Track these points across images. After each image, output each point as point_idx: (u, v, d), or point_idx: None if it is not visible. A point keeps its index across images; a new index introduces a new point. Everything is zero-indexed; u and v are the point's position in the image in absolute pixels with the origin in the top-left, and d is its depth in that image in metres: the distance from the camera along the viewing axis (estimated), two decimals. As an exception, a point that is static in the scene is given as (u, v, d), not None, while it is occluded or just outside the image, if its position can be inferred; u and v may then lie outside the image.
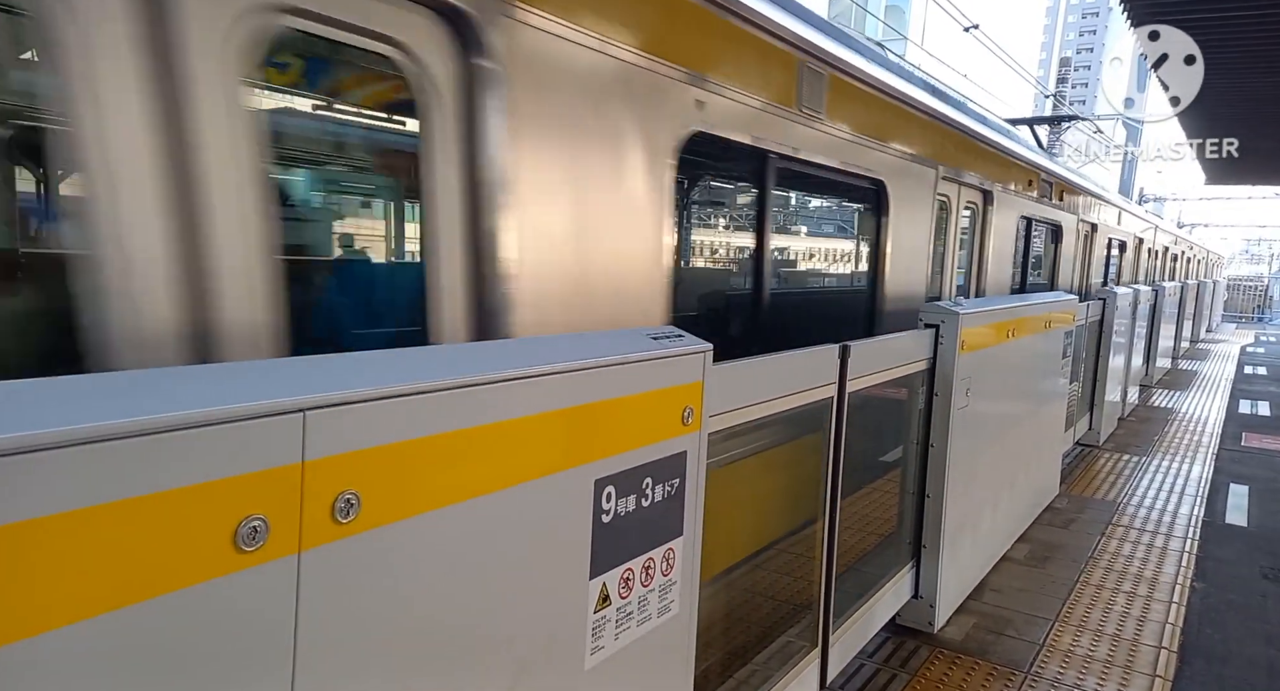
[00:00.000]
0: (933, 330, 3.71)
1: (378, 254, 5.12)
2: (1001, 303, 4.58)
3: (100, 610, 0.91)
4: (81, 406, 0.92)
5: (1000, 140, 6.12)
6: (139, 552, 0.94)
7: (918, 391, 3.83)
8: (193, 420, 0.97)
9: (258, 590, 1.06)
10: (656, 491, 1.87)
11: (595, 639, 1.75)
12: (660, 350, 1.84)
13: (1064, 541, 5.30)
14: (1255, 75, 8.11)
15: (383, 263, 4.96)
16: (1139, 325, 9.68)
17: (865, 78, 3.84)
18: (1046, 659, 3.73)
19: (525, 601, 1.56)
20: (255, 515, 1.04)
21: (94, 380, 1.00)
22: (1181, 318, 15.03)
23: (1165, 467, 7.34)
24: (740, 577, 2.99)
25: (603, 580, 1.75)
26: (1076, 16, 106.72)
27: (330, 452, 1.13)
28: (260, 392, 1.06)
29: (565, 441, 1.60)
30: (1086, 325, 7.30)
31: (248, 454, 1.03)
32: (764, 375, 2.51)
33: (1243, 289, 37.89)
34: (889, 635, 3.86)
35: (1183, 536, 5.49)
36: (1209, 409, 10.55)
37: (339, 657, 1.20)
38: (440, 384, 1.30)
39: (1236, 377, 13.99)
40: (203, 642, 1.02)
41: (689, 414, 1.95)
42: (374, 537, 1.22)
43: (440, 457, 1.32)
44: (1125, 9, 7.10)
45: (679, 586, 1.99)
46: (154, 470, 0.94)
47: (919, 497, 3.89)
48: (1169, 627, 4.08)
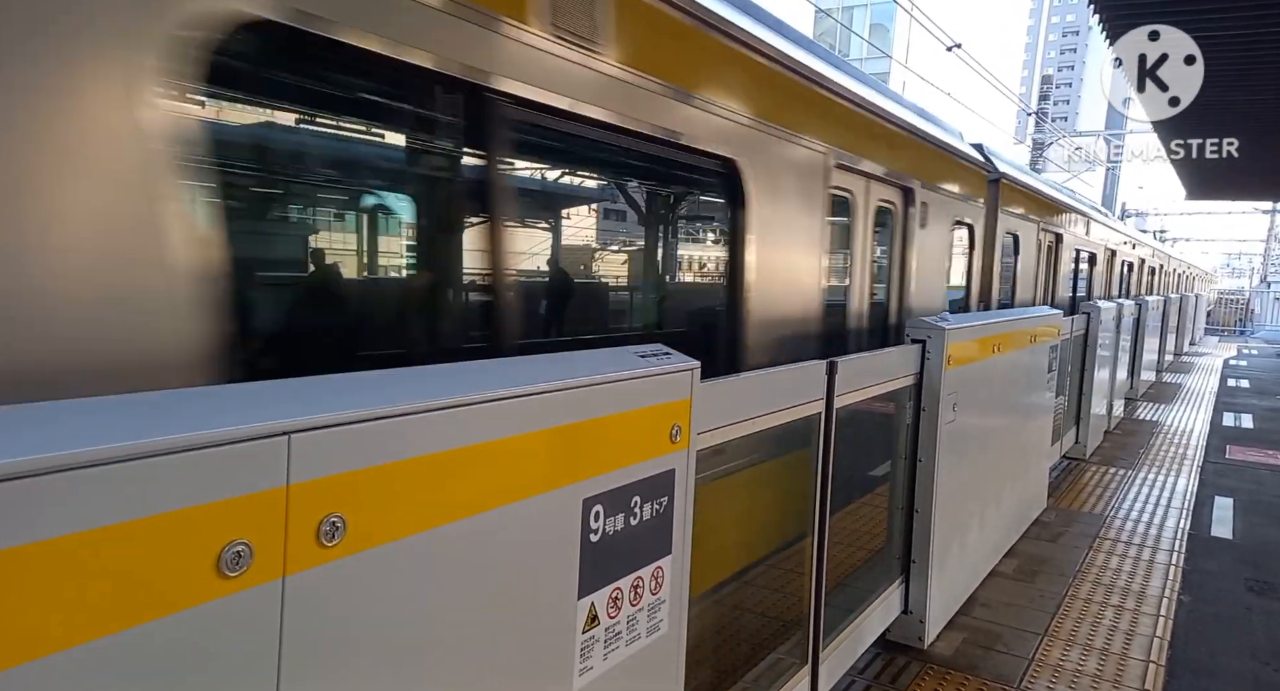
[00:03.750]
0: (919, 345, 3.73)
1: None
2: (987, 318, 4.62)
3: (79, 640, 0.90)
4: (62, 431, 0.91)
5: (931, 129, 4.88)
6: (119, 580, 0.93)
7: (905, 407, 3.85)
8: (176, 445, 0.96)
9: (241, 616, 1.05)
10: (645, 510, 1.87)
11: (584, 659, 1.73)
12: (647, 368, 1.85)
13: (1052, 555, 5.31)
14: (1241, 91, 8.28)
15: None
16: (1123, 339, 9.76)
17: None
18: (1036, 674, 3.73)
19: (513, 623, 1.55)
20: (239, 540, 1.03)
21: (76, 405, 0.99)
22: (1165, 331, 15.19)
23: (1151, 481, 7.39)
24: (729, 595, 2.98)
25: (591, 600, 1.74)
26: (1057, 35, 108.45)
27: (315, 475, 1.12)
28: (245, 416, 1.05)
29: (553, 461, 1.60)
30: (1071, 339, 7.36)
31: (232, 478, 1.02)
32: (752, 391, 2.51)
33: (1225, 302, 38.36)
34: (879, 651, 3.84)
35: (1169, 549, 5.52)
36: (1193, 422, 10.64)
37: (324, 683, 1.19)
38: (426, 405, 1.30)
39: (1220, 390, 14.13)
40: (185, 671, 1.00)
41: (677, 432, 1.95)
42: (360, 561, 1.21)
43: (427, 479, 1.32)
44: (1103, 28, 7.24)
45: (668, 605, 1.99)
46: (135, 496, 0.93)
47: (907, 512, 3.90)
48: (1156, 641, 4.09)
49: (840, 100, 3.81)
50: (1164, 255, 23.64)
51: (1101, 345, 8.23)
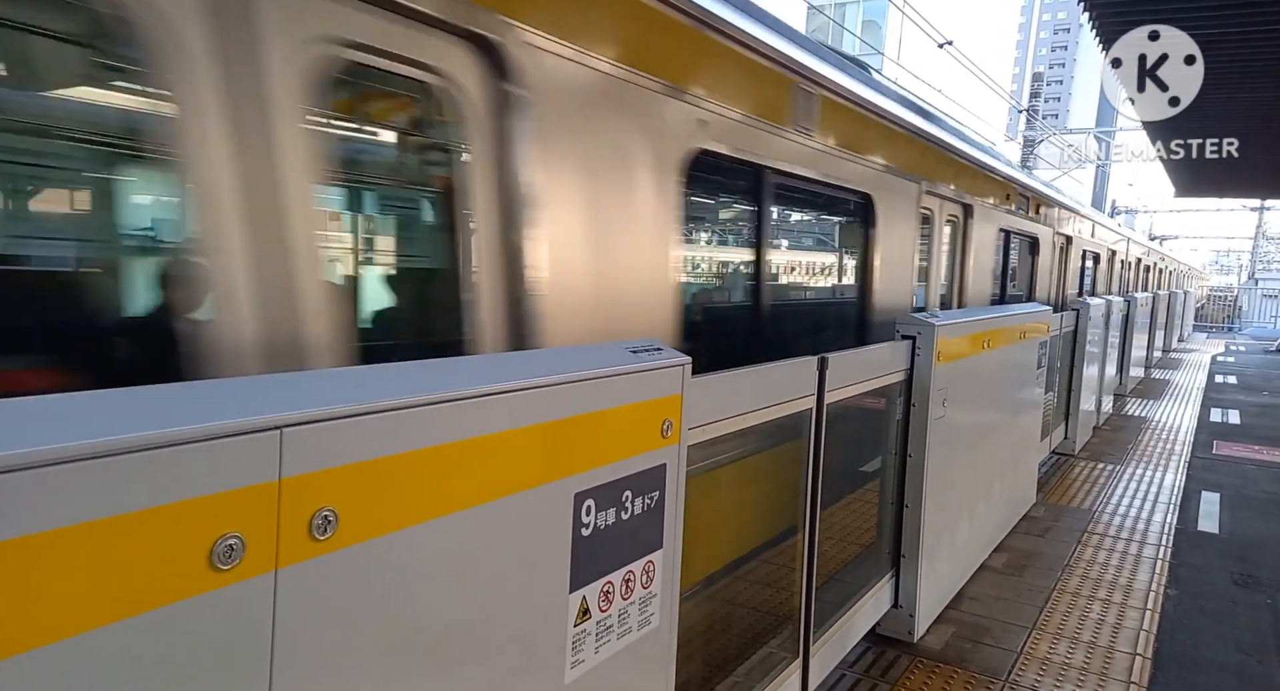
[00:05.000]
0: (910, 341, 3.75)
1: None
2: (977, 314, 4.65)
3: (72, 632, 0.90)
4: (53, 426, 0.91)
5: (979, 156, 6.32)
6: (112, 573, 0.93)
7: (895, 402, 3.87)
8: (168, 438, 0.97)
9: (234, 609, 1.06)
10: (636, 504, 1.88)
11: (575, 652, 1.75)
12: (639, 364, 1.86)
13: (1041, 549, 5.36)
14: (1238, 90, 8.34)
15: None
16: (1112, 335, 9.84)
17: (852, 96, 3.94)
18: (1024, 666, 3.77)
19: (504, 616, 1.56)
20: (232, 533, 1.03)
21: (66, 399, 0.99)
22: (1154, 328, 15.30)
23: (1139, 476, 7.45)
24: (720, 589, 2.99)
25: (583, 593, 1.75)
26: (1048, 33, 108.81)
27: (307, 469, 1.13)
28: (237, 410, 1.06)
29: (545, 455, 1.61)
30: (1061, 335, 7.41)
31: (224, 472, 1.02)
32: (743, 387, 2.52)
33: (1213, 299, 38.63)
34: (869, 645, 3.87)
35: (1156, 543, 5.57)
36: (1181, 417, 10.73)
37: (316, 676, 1.19)
38: (419, 399, 1.30)
39: (1207, 386, 14.25)
40: (177, 663, 1.01)
41: (668, 427, 1.96)
42: (352, 554, 1.22)
43: (419, 473, 1.32)
44: (1094, 29, 7.27)
45: (659, 599, 2.00)
46: (128, 489, 0.93)
47: (898, 507, 3.93)
48: (1143, 634, 4.14)
49: (929, 144, 5.12)
50: (1158, 254, 24.00)
51: (1091, 341, 8.28)
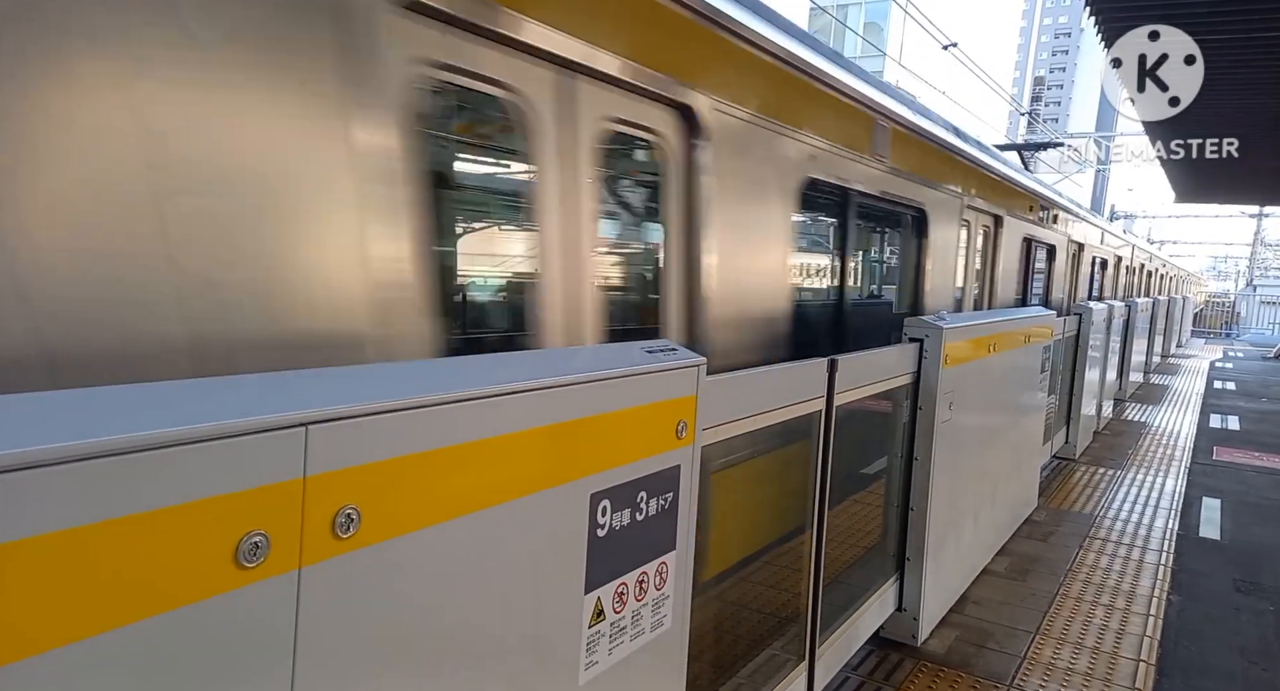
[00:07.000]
0: (917, 344, 3.75)
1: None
2: (983, 317, 4.64)
3: (99, 629, 0.89)
4: (80, 421, 0.90)
5: (1007, 172, 7.09)
6: (138, 570, 0.92)
7: (902, 405, 3.86)
8: (195, 435, 0.95)
9: (258, 606, 1.05)
10: (650, 505, 1.87)
11: (589, 653, 1.73)
12: (654, 364, 1.85)
13: (1043, 554, 5.35)
14: (1238, 92, 8.35)
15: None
16: (1114, 340, 9.86)
17: (916, 128, 4.74)
18: (1028, 672, 3.76)
19: (521, 616, 1.55)
20: (257, 531, 1.02)
21: (93, 394, 0.98)
22: (1153, 333, 15.31)
23: (1140, 481, 7.45)
24: (728, 590, 2.98)
25: (597, 594, 1.74)
26: (1050, 37, 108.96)
27: (332, 467, 1.12)
28: (262, 407, 1.04)
29: (562, 455, 1.60)
30: (1063, 340, 7.41)
31: (250, 469, 1.01)
32: (755, 388, 2.51)
33: (1211, 305, 38.67)
34: (873, 648, 3.87)
35: (1158, 549, 5.57)
36: (1181, 423, 10.73)
37: (338, 672, 1.18)
38: (439, 398, 1.29)
39: (1207, 392, 14.26)
40: (202, 659, 1.00)
41: (683, 427, 1.95)
42: (373, 553, 1.20)
43: (439, 472, 1.31)
44: (1098, 29, 7.27)
45: (672, 600, 1.99)
46: (155, 487, 0.92)
47: (903, 510, 3.92)
48: (1147, 640, 4.13)
49: (969, 164, 5.76)
50: (1160, 259, 24.18)
51: (1092, 346, 8.28)
